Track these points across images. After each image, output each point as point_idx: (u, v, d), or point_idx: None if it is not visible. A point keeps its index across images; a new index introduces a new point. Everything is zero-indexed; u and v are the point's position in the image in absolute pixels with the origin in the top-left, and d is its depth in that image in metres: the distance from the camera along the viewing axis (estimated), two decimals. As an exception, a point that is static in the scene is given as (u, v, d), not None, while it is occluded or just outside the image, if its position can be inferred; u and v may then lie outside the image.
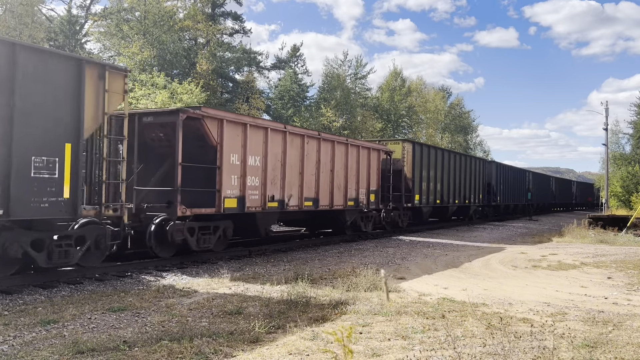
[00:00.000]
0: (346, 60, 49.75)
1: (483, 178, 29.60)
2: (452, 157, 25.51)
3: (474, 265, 12.10)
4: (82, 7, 35.93)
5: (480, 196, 29.34)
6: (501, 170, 34.17)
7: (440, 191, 23.39)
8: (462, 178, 26.39)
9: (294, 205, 13.43)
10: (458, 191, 25.70)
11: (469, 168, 27.50)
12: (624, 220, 22.82)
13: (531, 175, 42.72)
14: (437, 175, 23.05)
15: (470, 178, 27.54)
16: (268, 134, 12.51)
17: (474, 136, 64.80)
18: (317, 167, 14.39)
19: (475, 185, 28.33)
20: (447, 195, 24.28)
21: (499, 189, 33.05)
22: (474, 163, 28.67)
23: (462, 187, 26.35)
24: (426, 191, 21.67)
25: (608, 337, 5.78)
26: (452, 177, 25.00)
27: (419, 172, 20.97)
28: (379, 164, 17.72)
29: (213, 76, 37.40)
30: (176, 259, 11.02)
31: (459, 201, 25.94)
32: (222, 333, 5.71)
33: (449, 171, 24.49)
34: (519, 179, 38.34)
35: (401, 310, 6.96)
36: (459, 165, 26.04)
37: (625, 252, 14.97)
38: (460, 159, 26.51)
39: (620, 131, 47.70)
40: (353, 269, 10.43)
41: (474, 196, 28.17)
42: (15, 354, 4.92)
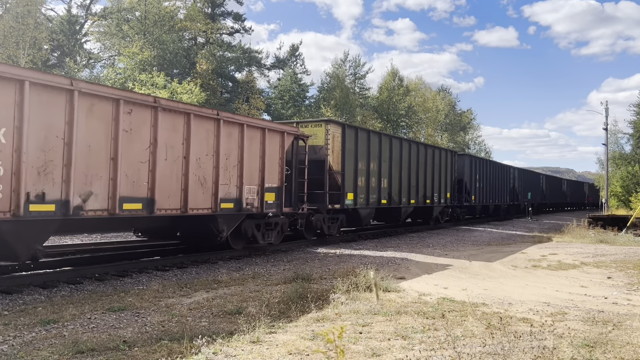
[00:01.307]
0: (346, 60, 49.86)
1: (452, 174, 25.05)
2: (407, 147, 20.54)
3: (473, 265, 12.10)
4: (82, 7, 35.95)
5: (448, 195, 24.57)
6: (477, 164, 29.07)
7: (388, 189, 18.85)
8: (422, 173, 21.75)
9: (96, 208, 8.51)
10: (415, 189, 21.04)
11: (432, 161, 22.73)
12: (623, 220, 22.83)
13: (517, 172, 38.01)
14: (383, 169, 18.47)
15: (433, 173, 22.83)
16: (26, 92, 7.43)
17: (475, 136, 64.77)
18: (153, 150, 9.46)
19: (440, 182, 23.64)
20: (399, 194, 19.67)
21: (473, 187, 28.07)
22: (438, 155, 23.54)
23: (422, 184, 21.71)
24: (365, 189, 17.16)
25: (608, 337, 5.78)
26: (407, 172, 20.32)
27: (352, 163, 16.39)
28: (283, 151, 12.82)
29: (213, 76, 37.41)
30: (177, 259, 11.03)
31: (417, 201, 21.29)
32: (222, 333, 5.71)
33: (401, 164, 19.80)
34: (501, 175, 33.42)
35: (401, 310, 6.96)
36: (416, 157, 21.25)
37: (625, 252, 14.97)
38: (418, 150, 21.47)
39: (619, 131, 47.71)
40: (353, 268, 10.43)
41: (439, 195, 23.53)
42: (15, 354, 4.92)
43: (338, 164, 15.69)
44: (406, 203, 20.34)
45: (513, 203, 36.84)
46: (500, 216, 33.76)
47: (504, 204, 33.24)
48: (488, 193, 30.46)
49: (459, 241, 18.27)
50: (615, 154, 44.84)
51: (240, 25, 42.91)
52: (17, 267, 9.21)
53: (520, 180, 37.07)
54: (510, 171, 34.08)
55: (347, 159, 16.09)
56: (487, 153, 64.81)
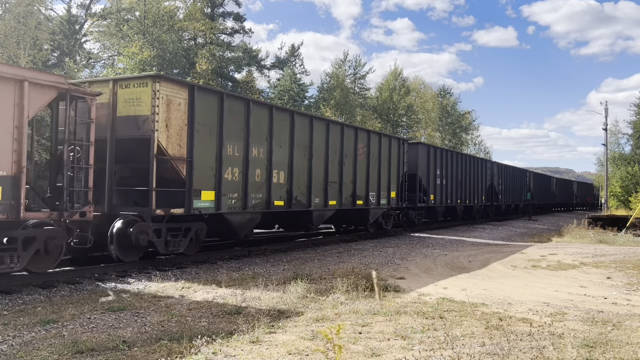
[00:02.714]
0: (346, 60, 49.87)
1: (400, 167, 19.55)
2: (322, 129, 14.88)
3: (473, 265, 12.10)
4: (81, 7, 35.93)
5: (392, 194, 18.57)
6: (438, 156, 22.98)
7: (287, 185, 13.21)
8: (350, 165, 16.12)
9: None
10: (337, 186, 15.55)
11: (366, 150, 17.09)
12: (623, 220, 22.85)
13: (495, 168, 32.09)
14: (278, 157, 12.95)
15: (369, 166, 17.11)
16: None
17: (475, 136, 64.74)
18: None
19: (381, 178, 17.88)
20: (307, 193, 14.12)
21: (432, 184, 21.92)
22: (376, 142, 17.74)
23: (349, 179, 16.05)
24: (240, 185, 11.73)
25: (607, 337, 5.78)
26: (322, 163, 14.86)
27: (212, 146, 11.01)
28: (22, 115, 7.70)
29: (213, 76, 37.41)
30: (177, 259, 11.02)
31: (340, 202, 15.67)
32: (222, 333, 5.71)
33: (311, 151, 14.28)
34: (474, 171, 27.23)
35: (400, 310, 6.96)
36: (340, 143, 15.64)
37: (625, 252, 14.97)
38: (343, 134, 15.75)
39: (619, 131, 47.78)
40: (352, 268, 10.43)
41: (378, 194, 17.67)
42: (15, 354, 4.92)
43: (180, 146, 10.29)
44: (321, 205, 14.83)
45: (491, 204, 30.77)
46: (475, 219, 28.13)
47: (477, 204, 27.14)
48: (455, 192, 24.42)
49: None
50: (615, 154, 44.88)
51: (240, 25, 42.93)
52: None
53: (501, 178, 31.50)
54: (486, 166, 27.87)
55: (199, 139, 10.58)
56: (486, 153, 64.78)
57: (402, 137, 21.13)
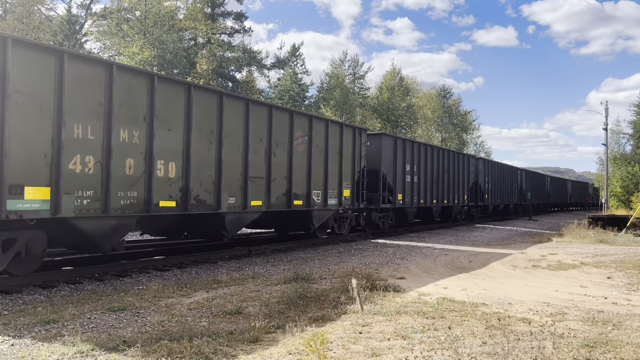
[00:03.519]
0: (345, 59, 49.88)
1: (356, 161, 16.59)
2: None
3: (473, 265, 12.10)
4: (82, 7, 35.95)
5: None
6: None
7: (182, 180, 10.10)
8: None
9: None
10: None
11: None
12: (623, 220, 22.84)
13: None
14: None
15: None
16: None
17: (475, 136, 64.76)
18: None
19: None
20: (214, 191, 11.13)
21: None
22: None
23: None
24: (84, 177, 8.44)
25: (608, 337, 5.78)
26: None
27: (24, 124, 7.54)
28: None
29: (213, 76, 37.42)
30: (176, 259, 11.02)
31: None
32: (222, 333, 5.71)
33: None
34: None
35: (401, 310, 6.96)
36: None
37: (625, 252, 14.97)
38: (233, 106, 11.63)
39: (620, 131, 47.78)
40: (353, 268, 10.44)
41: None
42: (15, 354, 4.92)
43: None
44: (238, 206, 12.12)
45: (475, 204, 31.81)
46: (457, 220, 27.70)
47: (459, 204, 26.32)
48: (430, 190, 23.09)
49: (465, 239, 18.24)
50: (615, 154, 44.87)
51: (240, 25, 42.95)
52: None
53: (487, 176, 30.97)
54: (469, 162, 28.40)
55: (19, 114, 7.47)
56: (486, 153, 64.79)
57: (359, 126, 17.20)
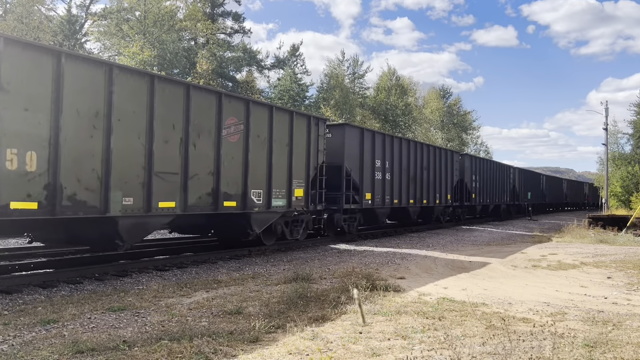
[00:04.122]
0: (344, 59, 49.86)
1: (311, 155, 14.37)
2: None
3: (473, 265, 12.09)
4: (81, 7, 35.93)
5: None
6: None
7: (48, 174, 7.86)
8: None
9: None
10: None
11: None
12: (623, 220, 22.84)
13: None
14: None
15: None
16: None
17: (475, 136, 64.72)
18: None
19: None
20: (101, 189, 8.71)
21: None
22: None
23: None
24: None
25: (608, 337, 5.78)
26: None
27: None
28: None
29: (213, 76, 37.41)
30: (177, 259, 11.02)
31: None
32: (222, 333, 5.70)
33: None
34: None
35: (401, 310, 6.96)
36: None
37: (625, 252, 14.97)
38: (129, 83, 9.26)
39: (619, 131, 47.69)
40: (353, 268, 10.44)
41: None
42: (15, 354, 4.92)
43: None
44: (139, 209, 9.28)
45: (461, 204, 31.56)
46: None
47: (441, 204, 24.04)
48: (406, 189, 20.56)
49: (458, 241, 18.26)
50: (615, 154, 44.84)
51: (240, 25, 42.96)
52: (17, 267, 9.21)
53: (475, 174, 28.68)
54: (453, 159, 26.34)
55: None
56: (487, 153, 64.75)
57: (316, 115, 15.05)
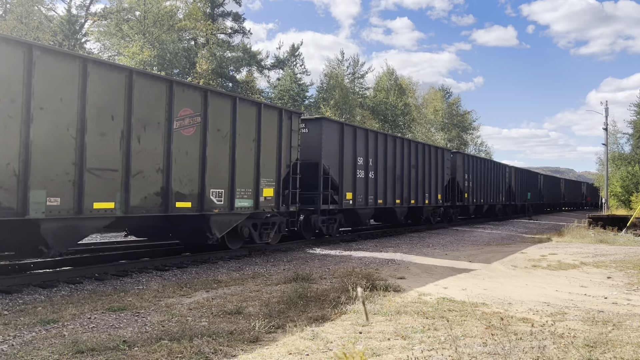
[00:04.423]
0: (344, 59, 49.88)
1: (283, 152, 13.04)
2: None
3: (473, 265, 12.09)
4: (81, 7, 35.94)
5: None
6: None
7: None
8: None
9: None
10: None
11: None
12: (623, 220, 22.84)
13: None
14: None
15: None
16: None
17: (475, 136, 64.69)
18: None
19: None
20: (18, 187, 7.58)
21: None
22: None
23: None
24: None
25: (608, 337, 5.78)
26: None
27: None
28: None
29: (213, 76, 37.42)
30: (177, 259, 11.02)
31: None
32: (222, 333, 5.71)
33: None
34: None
35: (401, 310, 6.96)
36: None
37: (625, 252, 14.97)
38: (50, 63, 8.02)
39: (619, 131, 47.70)
40: (353, 268, 10.44)
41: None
42: (15, 354, 4.92)
43: None
44: (67, 210, 7.78)
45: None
46: (431, 223, 24.00)
47: (430, 205, 22.77)
48: (392, 189, 19.26)
49: (458, 242, 18.27)
50: (615, 154, 44.83)
51: (239, 25, 42.97)
52: (17, 267, 9.21)
53: (468, 172, 27.46)
54: (444, 157, 25.11)
55: None
56: (487, 153, 64.73)
57: (289, 109, 13.93)
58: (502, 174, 33.63)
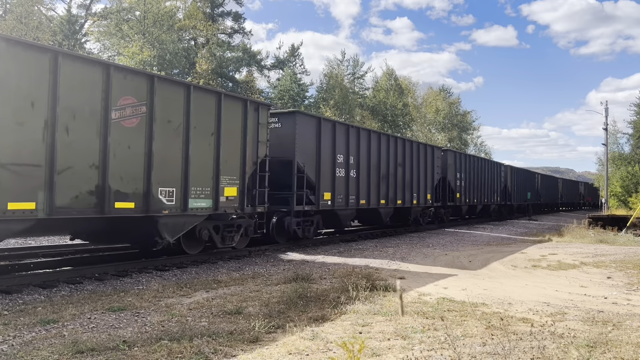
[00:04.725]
0: (344, 59, 49.89)
1: (247, 147, 12.31)
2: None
3: (473, 265, 12.10)
4: (82, 7, 35.95)
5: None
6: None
7: None
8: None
9: None
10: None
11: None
12: (623, 220, 22.85)
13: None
14: None
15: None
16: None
17: (475, 136, 64.64)
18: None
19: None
20: None
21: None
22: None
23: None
24: None
25: (607, 337, 5.78)
26: None
27: None
28: None
29: (213, 76, 37.43)
30: (176, 259, 11.02)
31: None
32: (222, 333, 5.71)
33: None
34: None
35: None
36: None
37: (625, 252, 14.97)
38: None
39: (619, 131, 47.72)
40: (353, 268, 10.44)
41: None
42: (15, 354, 4.92)
43: None
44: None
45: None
46: (420, 224, 22.74)
47: (418, 205, 21.46)
48: (375, 188, 18.01)
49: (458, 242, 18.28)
50: (615, 154, 44.85)
51: (240, 25, 42.99)
52: (17, 267, 9.21)
53: (461, 171, 26.24)
54: (434, 155, 23.79)
55: None
56: (486, 153, 64.68)
57: (256, 100, 13.13)
58: (498, 173, 32.48)
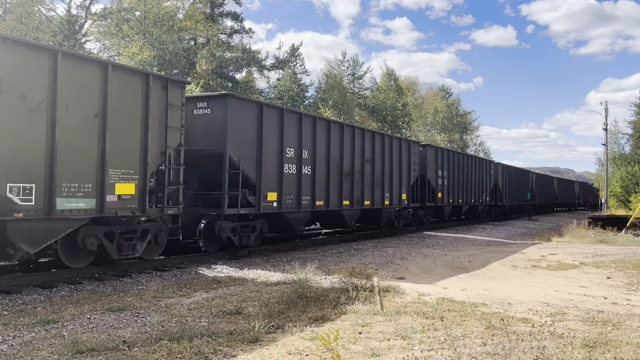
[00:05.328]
0: (344, 60, 49.90)
1: (150, 136, 9.47)
2: None
3: (473, 265, 12.10)
4: (81, 7, 35.94)
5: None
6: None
7: None
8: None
9: None
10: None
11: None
12: (623, 220, 22.86)
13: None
14: None
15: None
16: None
17: (475, 136, 64.58)
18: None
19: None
20: None
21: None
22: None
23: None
24: None
25: (607, 337, 5.78)
26: None
27: None
28: None
29: (213, 76, 37.44)
30: (176, 259, 11.03)
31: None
32: (222, 333, 5.71)
33: None
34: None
35: (400, 310, 6.96)
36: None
37: (625, 252, 14.97)
38: None
39: (619, 131, 47.67)
40: (353, 268, 10.43)
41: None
42: (15, 354, 4.92)
43: None
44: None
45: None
46: (396, 227, 20.14)
47: (392, 206, 18.96)
48: (336, 188, 15.31)
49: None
50: (615, 154, 44.85)
51: (240, 25, 43.01)
52: (17, 267, 9.21)
53: (445, 169, 23.86)
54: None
55: None
56: (486, 153, 64.62)
57: (162, 75, 10.99)
58: (487, 171, 29.93)
